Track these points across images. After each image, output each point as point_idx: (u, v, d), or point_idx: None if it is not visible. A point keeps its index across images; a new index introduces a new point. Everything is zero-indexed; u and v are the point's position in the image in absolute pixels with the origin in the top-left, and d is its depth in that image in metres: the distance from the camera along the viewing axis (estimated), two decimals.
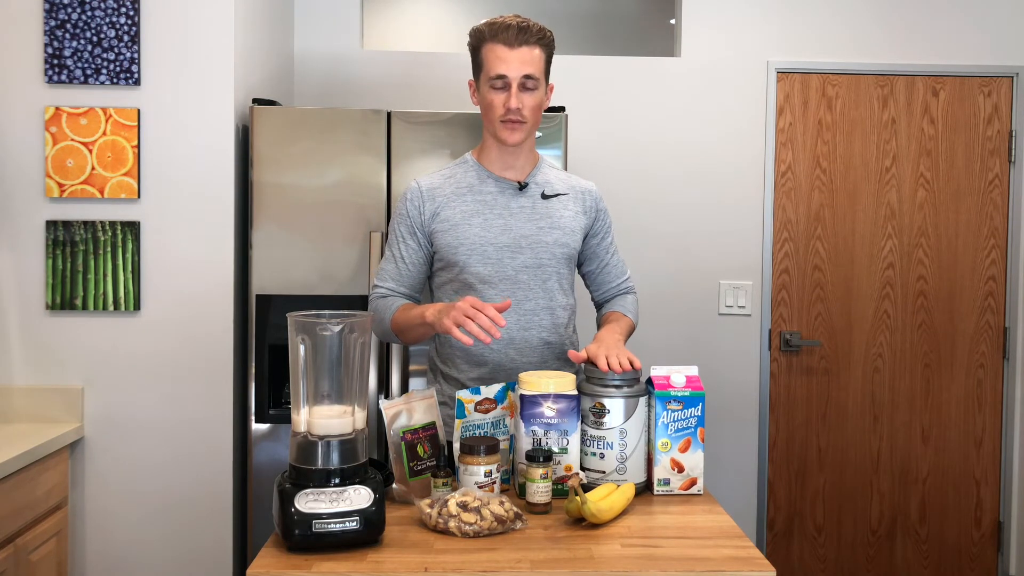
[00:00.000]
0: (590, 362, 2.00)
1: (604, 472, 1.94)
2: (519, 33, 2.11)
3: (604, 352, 1.98)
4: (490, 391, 1.99)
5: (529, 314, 2.20)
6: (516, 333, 2.18)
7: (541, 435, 1.90)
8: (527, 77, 2.12)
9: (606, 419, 1.93)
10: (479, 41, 2.16)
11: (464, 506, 1.70)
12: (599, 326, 2.33)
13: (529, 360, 2.21)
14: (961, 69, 3.78)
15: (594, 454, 1.94)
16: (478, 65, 2.19)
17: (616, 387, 1.94)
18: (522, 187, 2.22)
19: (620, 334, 2.16)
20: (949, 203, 3.81)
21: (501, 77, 2.12)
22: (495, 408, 1.99)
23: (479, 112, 2.88)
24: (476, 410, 1.98)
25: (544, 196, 2.25)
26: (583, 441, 1.95)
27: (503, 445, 1.99)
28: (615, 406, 1.93)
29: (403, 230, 2.23)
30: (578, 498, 1.74)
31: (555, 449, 1.90)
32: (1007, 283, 3.83)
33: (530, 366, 2.20)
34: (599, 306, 2.40)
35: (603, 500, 1.77)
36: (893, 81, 3.79)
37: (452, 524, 1.69)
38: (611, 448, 1.93)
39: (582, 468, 1.96)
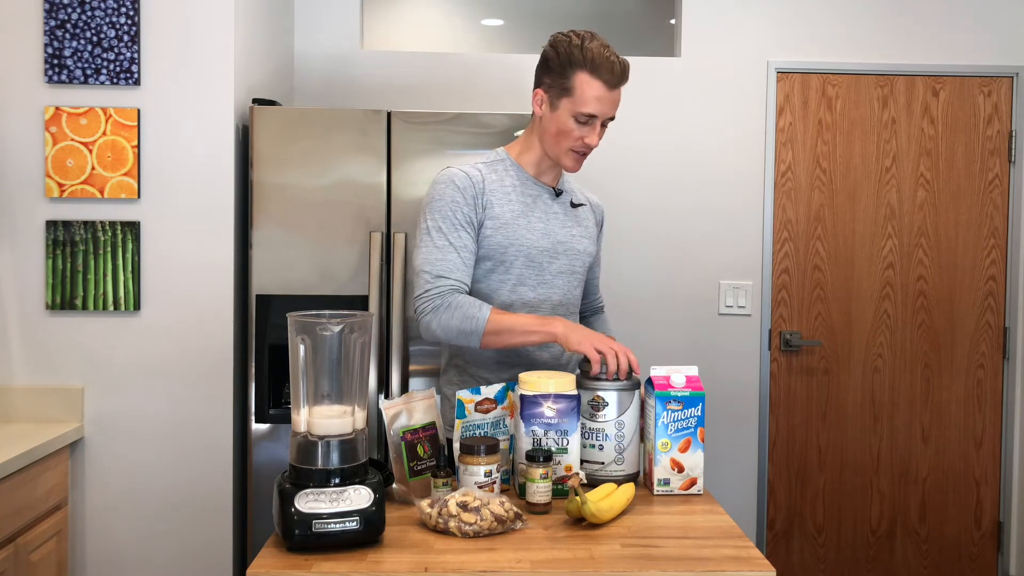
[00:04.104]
0: (586, 359, 2.00)
1: (603, 463, 1.95)
2: (620, 75, 2.06)
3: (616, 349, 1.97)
4: (490, 391, 1.99)
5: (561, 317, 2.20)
6: None
7: (541, 435, 1.90)
8: (610, 118, 2.11)
9: (604, 412, 1.94)
10: (573, 65, 2.05)
11: (464, 506, 1.70)
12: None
13: (558, 361, 2.22)
14: (961, 69, 3.78)
15: (592, 446, 1.96)
16: (564, 88, 2.07)
17: (606, 377, 1.96)
18: (558, 194, 2.23)
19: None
20: (949, 203, 3.81)
21: (592, 116, 2.06)
22: (495, 408, 1.99)
23: (480, 113, 2.90)
24: (476, 410, 1.98)
25: (573, 204, 2.26)
26: (581, 434, 1.96)
27: (503, 445, 1.99)
28: (612, 399, 1.94)
29: (459, 218, 2.08)
30: (578, 498, 1.75)
31: (555, 449, 1.90)
32: (1007, 283, 3.83)
33: (557, 367, 2.22)
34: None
35: (603, 500, 1.77)
36: (893, 81, 3.79)
37: (452, 524, 1.69)
38: (609, 439, 1.94)
39: (581, 460, 1.96)
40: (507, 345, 2.05)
